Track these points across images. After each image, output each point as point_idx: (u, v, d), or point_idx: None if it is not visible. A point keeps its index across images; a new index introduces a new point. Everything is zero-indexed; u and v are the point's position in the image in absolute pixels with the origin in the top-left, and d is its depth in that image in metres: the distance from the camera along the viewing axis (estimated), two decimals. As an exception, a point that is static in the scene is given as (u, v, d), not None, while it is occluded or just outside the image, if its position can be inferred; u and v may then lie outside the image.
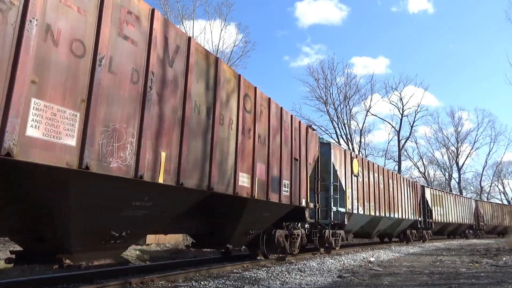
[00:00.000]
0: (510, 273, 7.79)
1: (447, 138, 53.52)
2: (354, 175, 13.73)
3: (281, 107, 8.54)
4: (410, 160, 51.93)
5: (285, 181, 8.43)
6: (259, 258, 9.55)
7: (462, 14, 78.76)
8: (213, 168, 5.77)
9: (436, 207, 23.33)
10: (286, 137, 8.66)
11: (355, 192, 13.62)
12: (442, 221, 24.27)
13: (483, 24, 77.40)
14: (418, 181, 32.05)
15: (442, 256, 12.58)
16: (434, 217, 22.72)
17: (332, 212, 11.92)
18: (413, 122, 43.78)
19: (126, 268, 7.05)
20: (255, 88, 7.39)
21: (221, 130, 6.10)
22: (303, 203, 9.42)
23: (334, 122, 39.77)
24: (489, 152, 56.44)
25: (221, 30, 27.74)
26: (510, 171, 60.05)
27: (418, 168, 52.88)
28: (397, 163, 42.71)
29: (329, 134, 38.84)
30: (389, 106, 68.02)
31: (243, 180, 6.70)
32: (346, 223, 12.75)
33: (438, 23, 77.87)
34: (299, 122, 9.64)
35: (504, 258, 11.26)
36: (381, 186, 16.26)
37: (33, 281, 5.73)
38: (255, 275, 6.73)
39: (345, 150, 13.79)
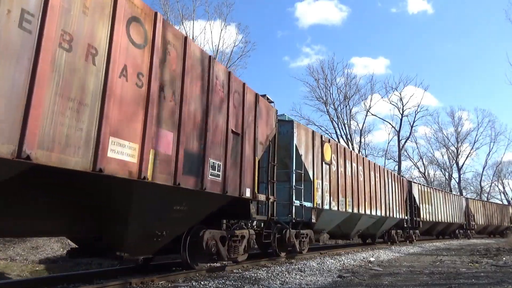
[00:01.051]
0: (510, 273, 7.79)
1: (447, 138, 53.56)
2: (326, 163, 11.42)
3: (212, 57, 6.30)
4: (410, 160, 52.01)
5: (215, 162, 6.21)
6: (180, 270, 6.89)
7: (462, 15, 78.96)
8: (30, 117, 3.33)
9: (424, 205, 21.43)
10: (220, 101, 6.50)
11: (326, 184, 11.34)
12: (431, 220, 22.32)
13: (483, 24, 77.54)
14: (415, 179, 30.60)
15: (442, 256, 12.59)
16: (422, 216, 20.78)
17: (294, 207, 9.75)
18: (413, 122, 43.80)
19: (126, 268, 7.05)
20: (156, 14, 5.02)
21: (67, 57, 3.74)
22: (247, 194, 7.23)
23: (334, 122, 39.82)
24: (489, 152, 56.50)
25: (221, 30, 27.76)
26: (510, 171, 60.11)
27: (418, 168, 52.95)
28: (397, 163, 42.75)
29: (329, 134, 38.87)
30: (389, 106, 68.06)
31: (122, 151, 4.34)
32: (313, 221, 10.60)
33: (437, 23, 78.11)
34: (244, 85, 7.36)
35: (504, 258, 11.27)
36: (361, 179, 13.96)
37: (33, 281, 5.74)
38: (255, 275, 6.74)
39: (313, 132, 11.39)
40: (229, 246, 7.45)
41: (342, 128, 39.67)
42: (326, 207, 11.27)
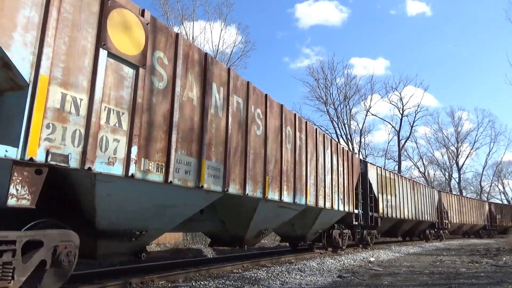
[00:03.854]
0: (510, 273, 7.79)
1: (447, 138, 53.52)
2: None
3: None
4: (410, 160, 51.96)
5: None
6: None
7: (461, 15, 78.95)
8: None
9: (384, 196, 15.71)
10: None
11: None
12: (393, 216, 16.46)
13: (482, 24, 77.50)
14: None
15: (442, 256, 12.59)
16: (381, 210, 15.08)
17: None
18: (413, 122, 43.82)
19: (126, 268, 7.05)
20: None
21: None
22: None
23: (334, 122, 39.82)
24: (489, 152, 56.37)
25: (221, 30, 27.75)
26: (510, 171, 60.05)
27: (418, 168, 52.92)
28: (397, 163, 42.74)
29: (329, 134, 38.87)
30: (389, 106, 68.03)
31: None
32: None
33: (436, 25, 78.07)
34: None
35: (504, 258, 11.27)
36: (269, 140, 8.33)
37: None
38: (255, 275, 6.74)
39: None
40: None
41: (342, 128, 39.71)
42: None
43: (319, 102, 40.19)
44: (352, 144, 38.87)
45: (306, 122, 9.45)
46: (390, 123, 44.79)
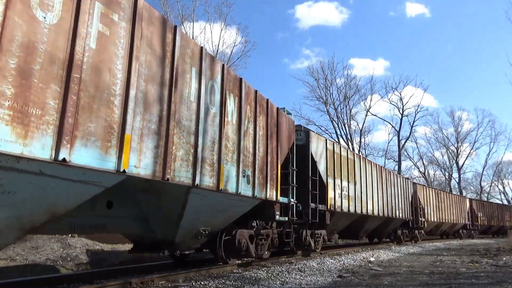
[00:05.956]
0: (510, 273, 7.79)
1: (447, 138, 53.51)
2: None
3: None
4: (410, 160, 51.95)
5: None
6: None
7: (460, 16, 78.96)
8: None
9: (337, 181, 11.61)
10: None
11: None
12: (352, 210, 12.47)
13: (482, 24, 77.50)
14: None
15: (442, 256, 12.58)
16: (330, 202, 10.97)
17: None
18: (413, 122, 43.83)
19: (126, 268, 7.05)
20: None
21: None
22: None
23: (334, 122, 39.84)
24: (489, 152, 56.36)
25: (221, 30, 27.74)
26: (510, 171, 60.04)
27: (418, 168, 52.93)
28: (397, 163, 42.74)
29: (329, 134, 38.88)
30: (389, 107, 67.99)
31: None
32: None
33: (436, 26, 78.12)
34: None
35: (504, 258, 11.26)
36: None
37: (33, 281, 5.75)
38: (255, 275, 6.73)
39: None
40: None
41: (342, 128, 39.73)
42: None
43: (319, 102, 40.26)
44: (352, 144, 38.89)
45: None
46: (390, 123, 44.86)
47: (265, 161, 7.91)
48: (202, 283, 5.71)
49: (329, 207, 10.97)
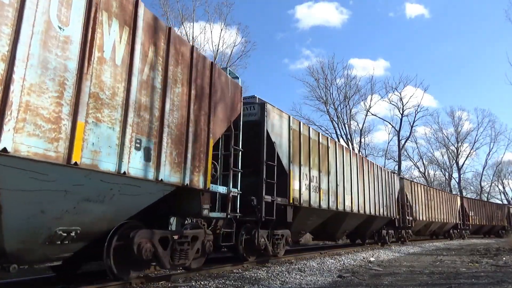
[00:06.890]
0: (510, 273, 7.79)
1: (447, 138, 53.50)
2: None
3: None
4: (410, 160, 51.98)
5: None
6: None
7: (460, 16, 79.01)
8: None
9: (305, 169, 9.55)
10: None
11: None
12: (324, 206, 10.37)
13: (482, 24, 77.48)
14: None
15: (442, 256, 12.59)
16: (294, 194, 8.94)
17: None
18: (413, 122, 43.84)
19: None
20: None
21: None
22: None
23: (334, 122, 39.88)
24: (489, 152, 56.29)
25: (221, 30, 27.73)
26: (510, 171, 60.00)
27: (418, 168, 52.95)
28: (397, 163, 42.75)
29: (329, 133, 38.88)
30: (389, 107, 67.98)
31: None
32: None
33: (435, 26, 78.11)
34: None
35: (504, 258, 11.26)
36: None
37: (33, 281, 5.74)
38: (255, 275, 6.74)
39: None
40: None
41: (342, 128, 39.77)
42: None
43: (319, 102, 40.32)
44: (352, 144, 38.89)
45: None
46: (390, 123, 44.88)
47: (184, 131, 5.60)
48: (202, 283, 5.71)
49: (291, 201, 8.72)
